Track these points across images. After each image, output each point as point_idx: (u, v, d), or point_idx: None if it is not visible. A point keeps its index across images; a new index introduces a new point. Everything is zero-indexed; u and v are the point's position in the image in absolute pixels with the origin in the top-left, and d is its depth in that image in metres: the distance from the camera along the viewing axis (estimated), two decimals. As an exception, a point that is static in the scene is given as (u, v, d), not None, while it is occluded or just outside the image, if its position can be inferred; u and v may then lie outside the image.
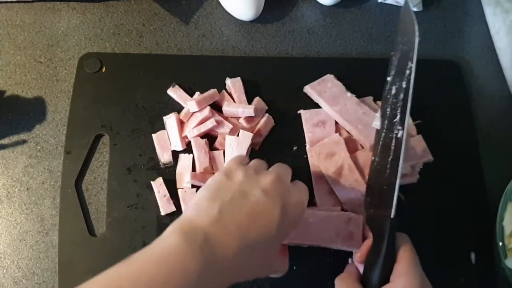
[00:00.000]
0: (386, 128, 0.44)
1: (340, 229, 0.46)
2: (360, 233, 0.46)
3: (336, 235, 0.45)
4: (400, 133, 0.41)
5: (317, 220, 0.46)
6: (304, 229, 0.45)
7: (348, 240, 0.45)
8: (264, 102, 0.54)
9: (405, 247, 0.39)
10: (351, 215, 0.47)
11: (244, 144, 0.49)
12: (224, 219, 0.33)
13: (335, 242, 0.45)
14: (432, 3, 0.65)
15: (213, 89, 0.53)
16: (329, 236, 0.45)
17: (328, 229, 0.46)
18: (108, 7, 0.61)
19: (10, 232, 0.49)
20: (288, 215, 0.36)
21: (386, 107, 0.45)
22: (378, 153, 0.45)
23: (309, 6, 0.63)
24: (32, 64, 0.57)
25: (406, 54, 0.42)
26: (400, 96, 0.42)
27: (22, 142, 0.53)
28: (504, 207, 0.47)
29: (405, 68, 0.42)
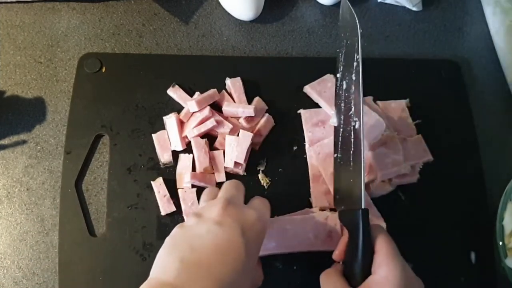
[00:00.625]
0: (343, 123, 0.44)
1: (318, 230, 0.46)
2: (339, 230, 0.46)
3: (315, 238, 0.45)
4: (357, 124, 0.41)
5: (294, 226, 0.46)
6: (282, 237, 0.45)
7: (328, 241, 0.45)
8: (264, 102, 0.54)
9: (381, 237, 0.38)
10: (327, 214, 0.47)
11: (244, 144, 0.49)
12: (190, 267, 0.33)
13: (315, 245, 0.45)
14: (431, 3, 0.65)
15: (213, 89, 0.53)
16: (308, 240, 0.45)
17: (306, 233, 0.45)
18: (108, 7, 0.61)
19: (11, 232, 0.49)
20: (251, 235, 0.35)
21: (340, 103, 0.46)
22: (339, 149, 0.45)
23: (309, 6, 0.63)
24: (32, 64, 0.57)
25: (351, 47, 0.44)
26: (351, 89, 0.43)
27: (22, 143, 0.53)
28: (504, 206, 0.47)
29: (352, 61, 0.43)
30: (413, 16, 0.64)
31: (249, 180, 0.50)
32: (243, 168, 0.50)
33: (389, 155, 0.48)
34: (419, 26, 0.63)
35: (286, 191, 0.50)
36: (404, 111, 0.54)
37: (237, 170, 0.50)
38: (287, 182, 0.51)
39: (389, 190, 0.49)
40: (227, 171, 0.50)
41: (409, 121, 0.53)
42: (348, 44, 0.45)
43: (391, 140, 0.49)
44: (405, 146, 0.50)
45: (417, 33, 0.62)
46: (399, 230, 0.48)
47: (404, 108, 0.54)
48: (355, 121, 0.42)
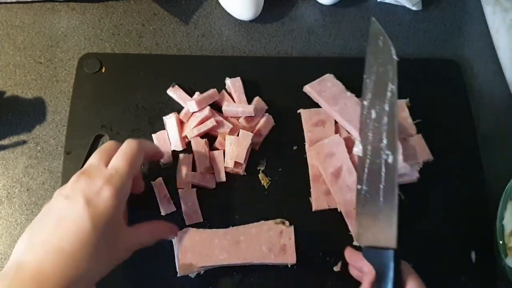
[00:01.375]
0: (370, 154, 0.42)
1: (272, 243, 0.45)
2: (293, 244, 0.46)
3: (269, 251, 0.45)
4: (390, 158, 0.40)
5: (248, 238, 0.46)
6: (235, 249, 0.45)
7: (281, 254, 0.45)
8: (264, 102, 0.54)
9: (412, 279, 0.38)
10: (282, 227, 0.47)
11: (244, 144, 0.49)
12: (34, 242, 0.35)
13: (268, 258, 0.45)
14: (431, 2, 0.65)
15: (213, 89, 0.53)
16: (262, 253, 0.45)
17: (260, 245, 0.45)
18: (107, 7, 0.61)
19: (11, 233, 0.49)
20: (98, 203, 0.36)
21: (367, 132, 0.43)
22: (364, 181, 0.43)
23: (308, 6, 0.63)
24: (32, 65, 0.57)
25: (384, 75, 0.41)
26: (383, 119, 0.41)
27: (22, 143, 0.53)
28: (504, 206, 0.47)
29: (385, 90, 0.41)
30: (412, 15, 0.64)
31: (249, 180, 0.50)
32: (243, 168, 0.50)
33: (389, 155, 0.48)
34: (419, 26, 0.63)
35: (286, 191, 0.50)
36: (404, 110, 0.54)
37: (237, 170, 0.50)
38: (287, 182, 0.51)
39: (389, 190, 0.49)
40: (227, 171, 0.50)
41: (409, 120, 0.53)
42: (379, 71, 0.42)
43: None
44: (405, 146, 0.50)
45: (417, 33, 0.62)
46: (399, 229, 0.48)
47: (404, 108, 0.54)
48: (387, 154, 0.40)
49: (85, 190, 0.37)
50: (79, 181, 0.38)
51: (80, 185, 0.37)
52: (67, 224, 0.36)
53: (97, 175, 0.38)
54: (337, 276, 0.47)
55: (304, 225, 0.48)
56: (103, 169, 0.39)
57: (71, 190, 0.37)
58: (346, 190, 0.48)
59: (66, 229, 0.35)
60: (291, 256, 0.46)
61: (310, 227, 0.49)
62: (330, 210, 0.49)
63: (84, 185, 0.37)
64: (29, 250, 0.35)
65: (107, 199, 0.37)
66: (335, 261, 0.47)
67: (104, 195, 0.37)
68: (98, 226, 0.36)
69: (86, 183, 0.37)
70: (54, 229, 0.35)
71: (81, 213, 0.36)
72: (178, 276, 0.44)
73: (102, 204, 0.37)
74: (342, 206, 0.48)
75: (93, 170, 0.39)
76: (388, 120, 0.40)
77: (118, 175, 0.39)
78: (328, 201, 0.49)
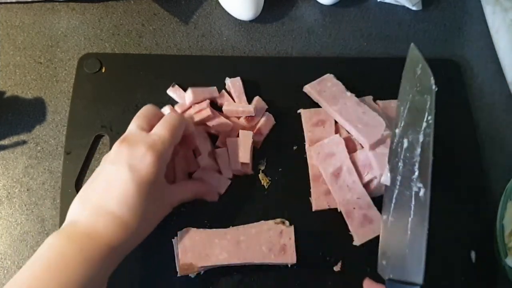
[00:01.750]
0: (399, 185, 0.41)
1: (272, 243, 0.46)
2: (293, 244, 0.46)
3: (269, 251, 0.45)
4: (422, 192, 0.38)
5: (248, 238, 0.46)
6: (235, 249, 0.45)
7: (281, 254, 0.45)
8: (264, 102, 0.54)
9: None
10: (282, 227, 0.47)
11: (246, 144, 0.49)
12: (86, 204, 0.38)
13: (268, 258, 0.45)
14: (431, 2, 0.65)
15: (213, 87, 0.53)
16: (261, 253, 0.45)
17: (260, 245, 0.45)
18: (107, 7, 0.61)
19: (11, 233, 0.49)
20: (140, 168, 0.38)
21: (397, 161, 0.42)
22: (391, 212, 0.42)
23: (308, 6, 0.63)
24: (32, 65, 0.57)
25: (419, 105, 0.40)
26: (416, 150, 0.40)
27: (22, 143, 0.53)
28: (504, 206, 0.47)
29: (420, 120, 0.39)
30: (412, 15, 0.64)
31: (249, 180, 0.50)
32: (250, 167, 0.50)
33: (389, 155, 0.48)
34: (418, 26, 0.63)
35: (286, 191, 0.50)
36: (404, 110, 0.54)
37: (246, 170, 0.50)
38: (287, 182, 0.51)
39: (389, 190, 0.49)
40: (236, 173, 0.50)
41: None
42: (416, 99, 0.41)
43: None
44: (405, 146, 0.50)
45: (417, 33, 0.63)
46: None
47: (404, 108, 0.54)
48: (419, 187, 0.39)
49: (128, 157, 0.39)
50: (121, 149, 0.40)
51: (123, 151, 0.39)
52: (114, 189, 0.38)
53: (139, 142, 0.40)
54: (337, 276, 0.47)
55: (304, 225, 0.48)
56: (144, 135, 0.41)
57: (115, 157, 0.40)
58: (346, 190, 0.48)
59: (114, 193, 0.38)
60: (291, 256, 0.46)
61: (310, 227, 0.48)
62: (330, 210, 0.49)
63: (126, 152, 0.39)
64: (82, 210, 0.38)
65: (150, 165, 0.39)
66: (335, 261, 0.47)
67: (147, 161, 0.39)
68: (142, 190, 0.38)
69: (129, 150, 0.39)
70: (104, 192, 0.38)
71: (126, 178, 0.38)
72: (178, 276, 0.44)
73: (145, 169, 0.39)
74: (342, 206, 0.48)
75: (134, 136, 0.41)
76: (421, 151, 0.39)
77: (160, 142, 0.40)
78: (328, 201, 0.49)
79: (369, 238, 0.46)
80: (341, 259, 0.47)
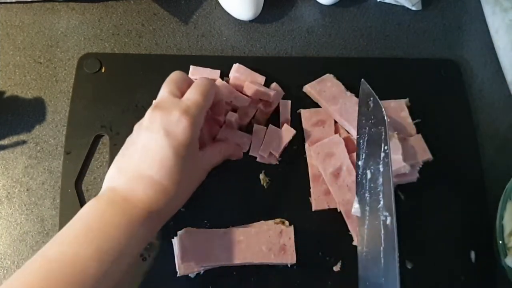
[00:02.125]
0: (369, 215, 0.42)
1: (272, 243, 0.46)
2: (293, 244, 0.46)
3: (268, 250, 0.45)
4: (388, 220, 0.39)
5: (248, 238, 0.46)
6: (235, 249, 0.45)
7: (281, 254, 0.45)
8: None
9: None
10: (282, 227, 0.47)
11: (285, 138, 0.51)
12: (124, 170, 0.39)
13: (268, 258, 0.45)
14: (431, 2, 0.65)
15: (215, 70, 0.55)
16: (261, 252, 0.45)
17: (260, 245, 0.45)
18: (107, 7, 0.61)
19: (10, 233, 0.49)
20: (176, 133, 0.39)
21: (364, 193, 0.43)
22: (365, 242, 0.43)
23: (308, 6, 0.63)
24: (32, 65, 0.57)
25: (377, 136, 0.41)
26: (378, 180, 0.41)
27: (21, 143, 0.53)
28: (504, 206, 0.47)
29: (379, 151, 0.41)
30: (412, 15, 0.64)
31: (249, 179, 0.50)
32: (277, 158, 0.51)
33: (389, 155, 0.48)
34: (418, 26, 0.63)
35: (286, 191, 0.50)
36: (404, 110, 0.54)
37: (270, 159, 0.51)
38: (287, 181, 0.51)
39: (389, 190, 0.49)
40: (260, 160, 0.51)
41: (408, 120, 0.53)
42: (372, 132, 0.42)
43: (391, 139, 0.49)
44: (405, 146, 0.50)
45: (417, 33, 0.63)
46: (399, 229, 0.48)
47: (404, 108, 0.54)
48: (385, 215, 0.39)
49: (163, 122, 0.39)
50: (155, 115, 0.40)
51: (158, 117, 0.39)
52: (151, 154, 0.38)
53: (173, 107, 0.40)
54: (336, 276, 0.47)
55: (304, 225, 0.48)
56: (177, 101, 0.41)
57: (150, 124, 0.40)
58: (346, 190, 0.48)
59: (151, 158, 0.38)
60: (291, 256, 0.46)
61: (310, 227, 0.49)
62: (330, 210, 0.49)
63: (161, 117, 0.39)
64: (120, 176, 0.39)
65: (185, 129, 0.39)
66: (335, 261, 0.47)
67: (182, 125, 0.39)
68: (179, 154, 0.39)
69: (163, 116, 0.39)
70: (140, 157, 0.39)
71: (162, 143, 0.38)
72: (178, 276, 0.44)
73: (180, 133, 0.39)
74: (342, 206, 0.48)
75: (167, 102, 0.41)
76: (383, 181, 0.40)
77: (194, 106, 0.40)
78: (328, 201, 0.49)
79: (369, 238, 0.46)
80: (341, 259, 0.47)
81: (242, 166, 0.51)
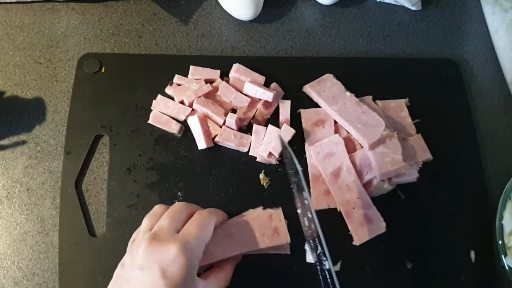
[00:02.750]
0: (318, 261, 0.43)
1: (264, 228, 0.46)
2: (284, 225, 0.46)
3: (262, 236, 0.45)
4: (327, 264, 0.40)
5: (239, 229, 0.46)
6: (229, 242, 0.45)
7: (274, 237, 0.45)
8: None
9: None
10: (270, 211, 0.47)
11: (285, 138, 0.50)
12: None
13: (263, 243, 0.45)
14: (430, 2, 0.65)
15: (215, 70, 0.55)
16: (255, 239, 0.45)
17: (252, 232, 0.45)
18: (107, 7, 0.61)
19: (11, 233, 0.49)
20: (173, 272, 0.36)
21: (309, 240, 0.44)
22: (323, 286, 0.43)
23: (308, 6, 0.63)
24: (32, 65, 0.57)
25: (299, 185, 0.42)
26: (312, 226, 0.41)
27: (22, 143, 0.53)
28: (504, 205, 0.47)
29: (303, 199, 0.42)
30: (412, 15, 0.64)
31: (249, 180, 0.50)
32: (275, 159, 0.51)
33: (388, 155, 0.48)
34: (418, 26, 0.63)
35: (285, 191, 0.50)
36: (404, 110, 0.54)
37: (270, 159, 0.51)
38: (286, 182, 0.50)
39: (389, 190, 0.49)
40: (259, 160, 0.51)
41: (408, 120, 0.53)
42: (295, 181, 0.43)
43: (391, 139, 0.49)
44: (405, 145, 0.50)
45: (416, 33, 0.63)
46: (399, 229, 0.49)
47: (404, 108, 0.54)
48: (324, 260, 0.41)
49: (159, 259, 0.36)
50: (151, 249, 0.37)
51: (154, 253, 0.37)
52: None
53: (171, 241, 0.37)
54: (336, 275, 0.47)
55: (303, 225, 0.48)
56: (175, 234, 0.39)
57: (145, 260, 0.37)
58: (345, 189, 0.48)
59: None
60: (285, 236, 0.46)
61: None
62: (330, 209, 0.49)
63: (157, 253, 0.37)
64: None
65: (182, 267, 0.36)
66: (334, 261, 0.47)
67: (180, 264, 0.36)
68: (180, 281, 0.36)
69: (160, 251, 0.37)
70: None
71: (158, 284, 0.35)
72: None
73: (177, 273, 0.36)
74: (342, 205, 0.48)
75: (165, 235, 0.38)
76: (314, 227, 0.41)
77: (193, 241, 0.38)
78: (327, 201, 0.49)
79: (368, 238, 0.46)
80: (341, 259, 0.47)
81: (242, 166, 0.51)
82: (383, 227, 0.46)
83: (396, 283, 0.47)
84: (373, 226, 0.47)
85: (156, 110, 0.53)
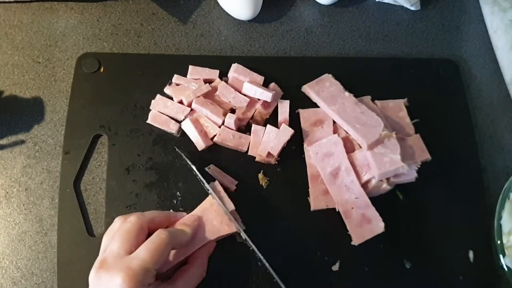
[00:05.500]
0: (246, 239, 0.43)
1: (221, 216, 0.46)
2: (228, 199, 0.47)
3: (220, 223, 0.45)
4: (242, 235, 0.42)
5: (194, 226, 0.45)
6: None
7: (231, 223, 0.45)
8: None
9: None
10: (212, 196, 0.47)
11: (283, 138, 0.50)
12: None
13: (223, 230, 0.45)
14: (429, 2, 0.65)
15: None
16: (215, 227, 0.45)
17: (211, 221, 0.45)
18: (106, 7, 0.61)
19: (9, 232, 0.49)
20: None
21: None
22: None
23: (307, 6, 0.63)
24: (30, 64, 0.57)
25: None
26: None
27: (20, 143, 0.53)
28: (502, 205, 0.47)
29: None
30: (411, 15, 0.64)
31: (248, 179, 0.50)
32: (275, 158, 0.51)
33: (387, 154, 0.48)
34: (417, 26, 0.63)
35: (284, 190, 0.50)
36: (402, 110, 0.54)
37: (269, 159, 0.51)
38: (285, 181, 0.51)
39: (387, 190, 0.49)
40: (258, 160, 0.51)
41: (407, 120, 0.53)
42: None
43: (389, 139, 0.49)
44: (403, 145, 0.50)
45: (415, 32, 0.63)
46: (397, 229, 0.49)
47: (402, 108, 0.54)
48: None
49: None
50: (98, 279, 0.36)
51: (101, 283, 0.36)
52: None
53: (116, 270, 0.36)
54: (335, 275, 0.47)
55: (302, 225, 0.48)
56: (123, 260, 0.37)
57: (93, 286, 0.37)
58: (344, 189, 0.48)
59: None
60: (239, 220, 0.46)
61: (309, 226, 0.49)
62: (329, 209, 0.49)
63: (104, 282, 0.36)
64: None
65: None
66: (333, 261, 0.47)
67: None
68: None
69: (105, 281, 0.36)
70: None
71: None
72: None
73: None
74: (340, 205, 0.48)
75: (112, 262, 0.37)
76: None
77: (140, 270, 0.36)
78: (326, 201, 0.49)
79: (367, 238, 0.46)
80: (339, 259, 0.47)
81: (241, 166, 0.51)
82: (381, 227, 0.46)
83: (395, 283, 0.47)
84: (371, 226, 0.47)
85: (155, 110, 0.52)
